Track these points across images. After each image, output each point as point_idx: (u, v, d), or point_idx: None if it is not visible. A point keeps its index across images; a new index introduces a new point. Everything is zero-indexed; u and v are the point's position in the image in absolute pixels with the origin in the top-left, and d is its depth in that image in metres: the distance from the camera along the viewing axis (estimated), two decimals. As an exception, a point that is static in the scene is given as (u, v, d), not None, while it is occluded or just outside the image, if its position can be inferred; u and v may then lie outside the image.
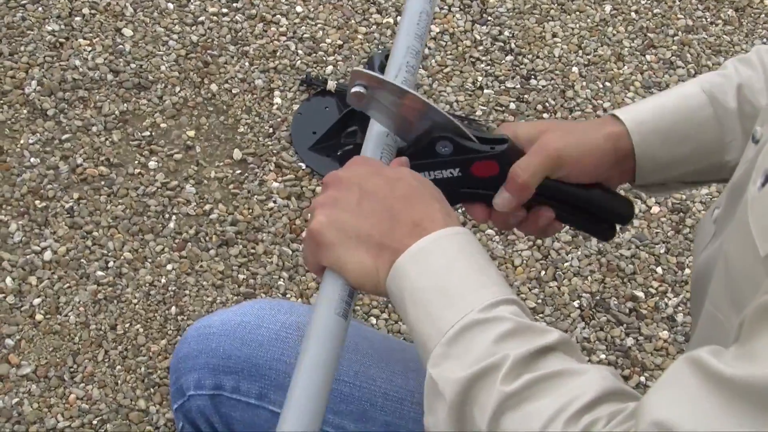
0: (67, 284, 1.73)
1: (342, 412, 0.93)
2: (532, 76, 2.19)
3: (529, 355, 0.62)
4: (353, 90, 0.80)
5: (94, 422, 1.58)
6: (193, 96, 2.04)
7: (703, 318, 0.71)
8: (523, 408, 0.61)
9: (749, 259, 0.59)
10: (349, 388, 0.93)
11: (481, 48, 2.23)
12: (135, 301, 1.72)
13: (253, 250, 1.82)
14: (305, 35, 2.18)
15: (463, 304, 0.66)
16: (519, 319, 0.65)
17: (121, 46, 2.09)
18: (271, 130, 2.00)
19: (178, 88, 2.04)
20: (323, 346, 0.70)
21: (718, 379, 0.51)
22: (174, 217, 1.84)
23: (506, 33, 2.26)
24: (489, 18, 2.29)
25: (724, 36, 2.33)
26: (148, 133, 1.96)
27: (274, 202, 1.89)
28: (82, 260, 1.76)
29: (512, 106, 2.12)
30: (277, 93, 2.07)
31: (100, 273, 1.74)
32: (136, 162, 1.91)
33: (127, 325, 1.69)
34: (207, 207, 1.86)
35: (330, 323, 0.71)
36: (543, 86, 2.17)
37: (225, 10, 2.20)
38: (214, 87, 2.06)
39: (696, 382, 0.52)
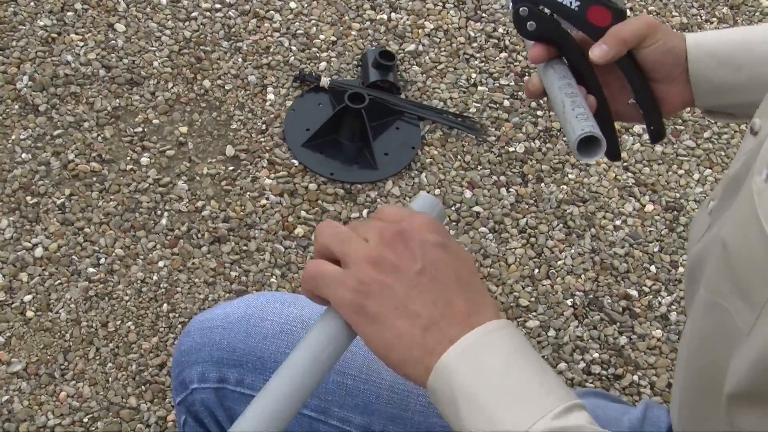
0: (58, 281, 1.72)
1: (347, 405, 0.93)
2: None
3: None
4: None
5: (85, 420, 1.57)
6: (186, 92, 2.03)
7: (697, 304, 0.72)
8: None
9: (758, 249, 0.60)
10: (354, 381, 0.93)
11: (475, 45, 2.22)
12: (126, 298, 1.72)
13: (245, 247, 1.81)
14: (299, 31, 2.17)
15: (533, 408, 0.61)
16: (596, 428, 0.62)
17: (113, 41, 2.08)
18: (264, 127, 1.99)
19: (170, 84, 2.03)
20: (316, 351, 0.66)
21: None
22: (166, 213, 1.83)
23: (500, 30, 2.25)
24: (483, 15, 2.28)
25: (719, 34, 2.32)
26: (140, 129, 1.95)
27: (267, 198, 1.88)
28: (73, 257, 1.75)
29: (506, 103, 2.11)
30: (270, 89, 2.06)
31: (91, 270, 1.73)
32: (128, 158, 1.90)
33: (118, 323, 1.69)
34: (199, 204, 1.85)
35: (335, 327, 0.67)
36: (537, 83, 2.16)
37: (218, 6, 2.19)
38: (206, 83, 2.05)
39: None
